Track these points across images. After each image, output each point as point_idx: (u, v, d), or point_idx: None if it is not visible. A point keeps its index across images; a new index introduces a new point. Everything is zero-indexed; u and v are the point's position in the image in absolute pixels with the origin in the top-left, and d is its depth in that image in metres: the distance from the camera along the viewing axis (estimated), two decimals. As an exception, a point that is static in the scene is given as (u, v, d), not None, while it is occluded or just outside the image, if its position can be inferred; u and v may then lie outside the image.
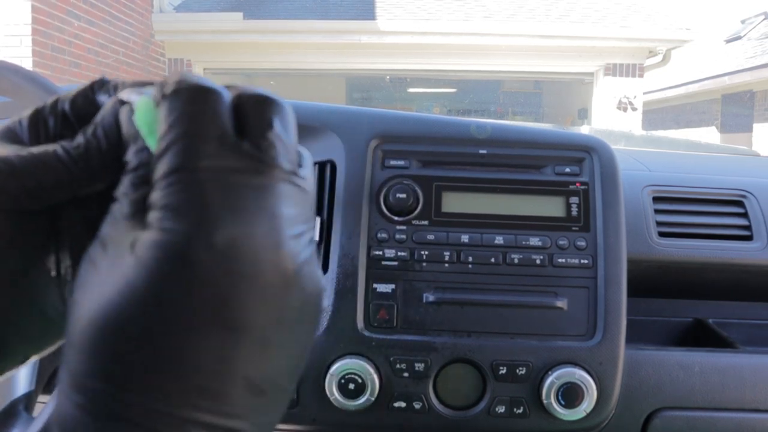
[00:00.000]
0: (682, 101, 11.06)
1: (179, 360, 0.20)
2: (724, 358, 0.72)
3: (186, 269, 0.20)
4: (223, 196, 0.21)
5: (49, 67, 4.79)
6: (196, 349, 0.20)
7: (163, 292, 0.20)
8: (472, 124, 0.73)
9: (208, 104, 0.22)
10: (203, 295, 0.20)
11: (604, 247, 0.68)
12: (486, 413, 0.65)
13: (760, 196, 0.83)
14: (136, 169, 0.23)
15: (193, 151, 0.21)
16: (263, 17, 6.82)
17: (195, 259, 0.20)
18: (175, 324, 0.20)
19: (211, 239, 0.20)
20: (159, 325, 0.20)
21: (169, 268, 0.20)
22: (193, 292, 0.20)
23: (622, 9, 7.23)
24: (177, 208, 0.20)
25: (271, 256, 0.21)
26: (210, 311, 0.20)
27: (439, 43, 6.80)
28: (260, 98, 0.24)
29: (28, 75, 0.57)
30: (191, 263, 0.20)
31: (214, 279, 0.20)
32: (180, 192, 0.21)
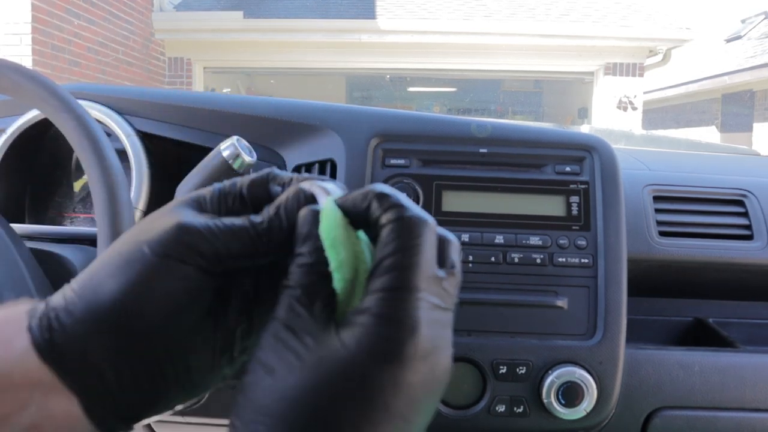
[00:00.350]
0: (682, 101, 11.06)
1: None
2: (725, 358, 0.72)
3: (388, 369, 0.25)
4: (427, 316, 0.27)
5: (49, 66, 4.79)
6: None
7: (367, 385, 0.25)
8: (472, 123, 0.73)
9: (425, 240, 0.28)
10: (397, 392, 0.25)
11: (605, 247, 0.68)
12: (486, 412, 0.65)
13: (761, 196, 0.83)
14: (312, 266, 0.28)
15: (411, 279, 0.27)
16: (263, 16, 6.81)
17: (398, 361, 0.25)
18: (368, 412, 0.25)
19: (412, 348, 0.26)
20: (356, 410, 0.25)
21: (376, 365, 0.25)
22: (389, 388, 0.25)
23: (623, 8, 7.23)
24: (392, 318, 0.26)
25: (444, 367, 0.28)
26: (398, 404, 0.25)
27: (440, 43, 6.80)
28: (446, 239, 0.30)
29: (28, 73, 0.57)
30: (394, 363, 0.25)
31: (407, 378, 0.26)
32: (397, 306, 0.26)
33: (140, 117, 0.79)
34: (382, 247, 0.27)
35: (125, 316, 0.28)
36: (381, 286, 0.26)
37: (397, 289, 0.26)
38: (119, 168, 0.58)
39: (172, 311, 0.29)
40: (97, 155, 0.56)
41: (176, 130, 0.78)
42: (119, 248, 0.30)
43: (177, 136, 0.78)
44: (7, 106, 0.84)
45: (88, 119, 0.57)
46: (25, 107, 0.80)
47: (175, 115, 0.79)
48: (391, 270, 0.27)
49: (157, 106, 0.79)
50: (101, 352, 0.28)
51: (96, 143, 0.56)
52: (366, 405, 0.25)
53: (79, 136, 0.56)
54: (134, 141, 0.76)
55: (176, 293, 0.29)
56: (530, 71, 7.57)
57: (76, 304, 0.28)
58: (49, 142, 0.85)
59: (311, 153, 0.74)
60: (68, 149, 0.83)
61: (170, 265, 0.29)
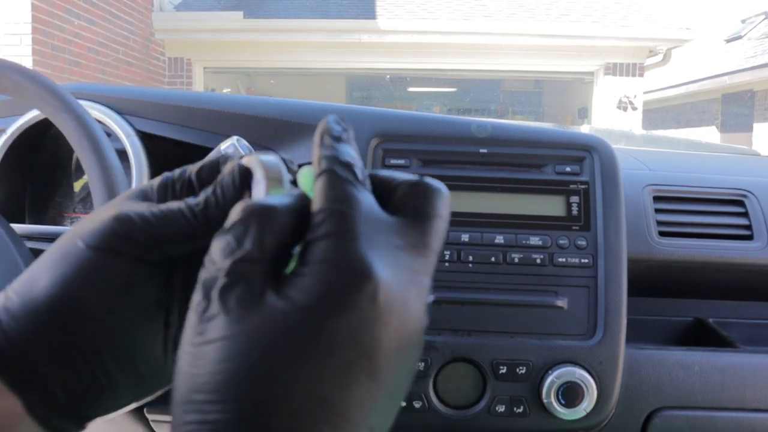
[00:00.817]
0: (682, 101, 11.06)
1: (330, 404, 0.22)
2: (725, 358, 0.72)
3: (343, 318, 0.22)
4: (385, 260, 0.24)
5: (50, 66, 4.79)
6: (342, 396, 0.22)
7: (319, 338, 0.22)
8: (472, 123, 0.73)
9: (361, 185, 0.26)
10: (356, 345, 0.22)
11: (605, 247, 0.68)
12: (486, 412, 0.65)
13: (761, 196, 0.83)
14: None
15: (354, 221, 0.24)
16: (263, 16, 6.81)
17: (359, 308, 0.22)
18: (334, 372, 0.22)
19: (377, 295, 0.23)
20: (318, 373, 0.22)
21: (333, 312, 0.22)
22: (347, 341, 0.22)
23: (623, 8, 7.23)
24: (340, 262, 0.23)
25: (416, 319, 0.24)
26: (360, 361, 0.22)
27: (440, 43, 6.80)
28: (423, 185, 0.27)
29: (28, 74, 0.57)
30: (355, 310, 0.22)
31: (368, 331, 0.22)
32: (345, 249, 0.23)
33: (140, 117, 0.79)
34: (317, 197, 0.25)
35: (62, 312, 0.27)
36: (324, 232, 0.24)
37: (340, 232, 0.24)
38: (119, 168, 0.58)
39: (111, 305, 0.28)
40: (97, 155, 0.56)
41: (176, 130, 0.78)
42: (59, 243, 0.29)
43: (177, 136, 0.78)
44: (7, 106, 0.84)
45: (88, 119, 0.57)
46: (26, 107, 0.80)
47: (175, 115, 0.79)
48: (330, 215, 0.24)
49: (157, 106, 0.79)
50: (41, 350, 0.27)
51: (96, 143, 0.56)
52: (323, 364, 0.22)
53: (79, 136, 0.56)
54: (134, 141, 0.76)
55: (114, 286, 0.28)
56: (530, 71, 7.57)
57: (14, 302, 0.27)
58: (50, 142, 0.85)
59: (311, 153, 0.74)
60: (68, 149, 0.83)
61: (105, 257, 0.28)
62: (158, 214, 0.28)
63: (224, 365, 0.22)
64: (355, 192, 0.25)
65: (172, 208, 0.29)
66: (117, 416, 0.68)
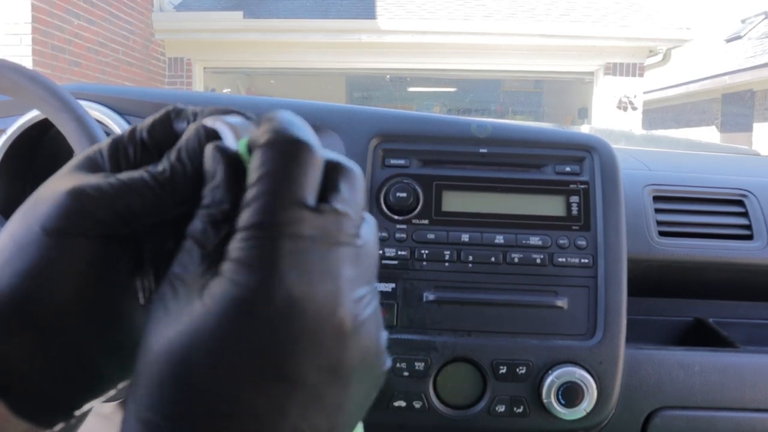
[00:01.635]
0: (682, 101, 11.06)
1: (236, 406, 0.21)
2: (725, 358, 0.72)
3: (249, 323, 0.21)
4: (292, 257, 0.22)
5: (49, 66, 4.79)
6: (253, 397, 0.21)
7: (227, 342, 0.21)
8: (472, 123, 0.73)
9: (297, 164, 0.23)
10: (263, 348, 0.21)
11: (605, 247, 0.68)
12: (486, 412, 0.65)
13: (761, 196, 0.83)
14: (208, 207, 0.24)
15: (272, 211, 0.22)
16: (263, 16, 6.81)
17: (258, 314, 0.21)
18: (235, 372, 0.21)
19: (275, 296, 0.22)
20: (220, 371, 0.21)
21: (233, 320, 0.21)
22: (254, 345, 0.21)
23: (623, 8, 7.23)
24: (248, 263, 0.22)
25: (330, 316, 0.22)
26: (268, 363, 0.22)
27: (440, 43, 6.80)
28: (332, 164, 0.25)
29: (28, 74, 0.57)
30: (254, 317, 0.21)
31: (274, 333, 0.22)
32: (253, 248, 0.22)
33: (140, 117, 0.79)
34: (249, 178, 0.24)
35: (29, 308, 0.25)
36: (242, 224, 0.23)
37: (254, 225, 0.22)
38: (119, 168, 0.58)
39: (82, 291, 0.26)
40: (97, 155, 0.56)
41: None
42: (11, 231, 0.26)
43: (177, 137, 0.78)
44: (7, 107, 0.84)
45: (88, 119, 0.57)
46: (26, 107, 0.80)
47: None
48: (250, 203, 0.23)
49: (157, 107, 0.79)
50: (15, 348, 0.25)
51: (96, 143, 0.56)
52: (237, 370, 0.21)
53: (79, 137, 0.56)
54: (134, 141, 0.76)
55: (83, 270, 0.25)
56: (530, 71, 7.56)
57: None
58: (50, 143, 0.85)
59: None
60: (68, 149, 0.83)
61: (68, 242, 0.25)
62: (118, 185, 0.26)
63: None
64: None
65: (134, 178, 0.26)
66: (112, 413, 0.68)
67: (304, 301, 0.22)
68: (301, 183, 0.23)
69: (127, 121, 0.78)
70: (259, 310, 0.21)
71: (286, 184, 0.23)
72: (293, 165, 0.23)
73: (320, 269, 0.22)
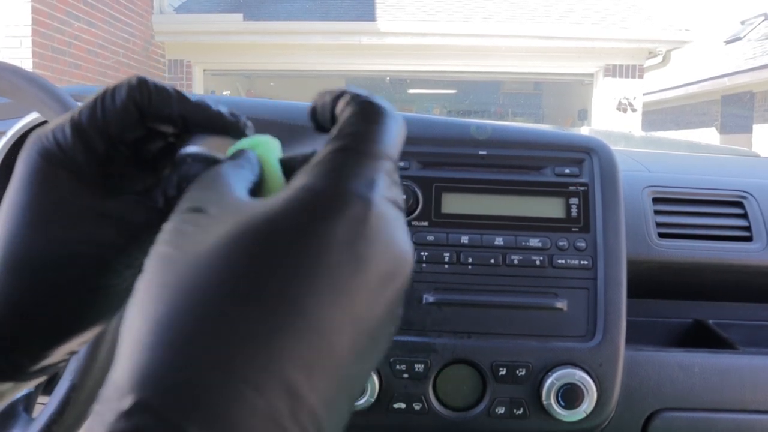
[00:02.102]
0: (681, 102, 11.06)
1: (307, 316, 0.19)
2: (724, 359, 0.72)
3: (343, 228, 0.20)
4: (384, 194, 0.22)
5: (49, 68, 4.79)
6: (322, 314, 0.19)
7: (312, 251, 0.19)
8: (472, 125, 0.73)
9: (390, 123, 0.24)
10: (340, 257, 0.20)
11: (604, 248, 0.68)
12: (486, 414, 0.65)
13: (760, 197, 0.83)
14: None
15: (375, 144, 0.23)
16: (263, 18, 6.82)
17: (357, 221, 0.20)
18: (312, 298, 0.19)
19: (371, 219, 0.21)
20: (290, 294, 0.19)
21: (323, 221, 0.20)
22: (335, 246, 0.20)
23: (622, 10, 7.23)
24: (345, 173, 0.21)
25: (402, 252, 0.22)
26: (344, 276, 0.20)
27: (439, 45, 6.80)
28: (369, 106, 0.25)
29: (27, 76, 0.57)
30: (352, 223, 0.20)
31: (366, 268, 0.20)
32: (356, 163, 0.22)
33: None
34: (341, 124, 0.24)
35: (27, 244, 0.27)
36: (338, 146, 0.22)
37: (356, 149, 0.22)
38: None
39: (80, 231, 0.27)
40: (97, 158, 0.56)
41: (176, 132, 0.78)
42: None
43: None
44: (7, 109, 0.84)
45: (88, 122, 0.57)
46: (25, 110, 0.80)
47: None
48: (350, 134, 0.23)
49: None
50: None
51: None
52: (300, 286, 0.19)
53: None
54: (134, 143, 0.76)
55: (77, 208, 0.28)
56: (530, 73, 7.57)
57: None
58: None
59: (311, 155, 0.74)
60: (68, 152, 0.83)
61: (64, 173, 0.28)
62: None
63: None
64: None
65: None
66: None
67: (387, 245, 0.21)
68: (396, 138, 0.24)
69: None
70: (349, 216, 0.20)
71: (387, 133, 0.24)
72: (389, 122, 0.24)
73: (394, 220, 0.22)
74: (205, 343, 0.18)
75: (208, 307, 0.19)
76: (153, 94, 0.28)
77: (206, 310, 0.19)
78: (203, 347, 0.18)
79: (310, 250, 0.19)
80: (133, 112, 0.28)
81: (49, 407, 0.48)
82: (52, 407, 0.48)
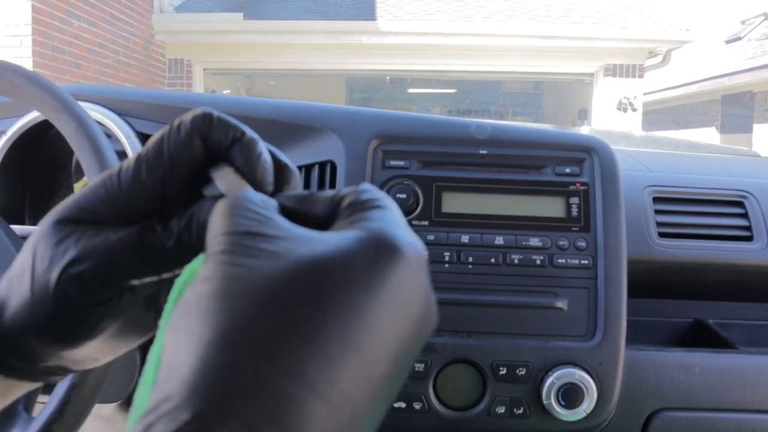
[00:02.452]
0: (682, 102, 11.06)
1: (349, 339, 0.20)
2: (725, 359, 0.72)
3: (397, 265, 0.22)
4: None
5: (49, 68, 4.79)
6: (371, 338, 0.21)
7: (370, 276, 0.21)
8: (472, 124, 0.73)
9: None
10: (400, 294, 0.22)
11: (605, 248, 0.68)
12: (486, 414, 0.65)
13: (760, 197, 0.83)
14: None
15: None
16: (263, 18, 6.82)
17: (405, 260, 0.22)
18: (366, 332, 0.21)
19: (413, 259, 0.23)
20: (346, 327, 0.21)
21: (382, 261, 0.22)
22: (394, 290, 0.22)
23: (622, 10, 7.23)
24: (391, 225, 0.23)
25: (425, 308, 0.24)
26: (396, 317, 0.22)
27: (440, 44, 6.80)
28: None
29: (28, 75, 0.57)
30: (402, 261, 0.22)
31: (412, 286, 0.23)
32: (392, 220, 0.24)
33: (140, 118, 0.79)
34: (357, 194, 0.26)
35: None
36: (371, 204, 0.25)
37: (386, 207, 0.25)
38: (119, 169, 0.58)
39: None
40: (97, 157, 0.56)
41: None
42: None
43: (177, 138, 0.78)
44: (7, 108, 0.84)
45: (88, 121, 0.57)
46: (26, 109, 0.80)
47: (175, 117, 0.78)
48: (376, 203, 0.25)
49: (157, 108, 0.79)
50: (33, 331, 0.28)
51: (96, 145, 0.56)
52: (352, 317, 0.21)
53: (79, 138, 0.56)
54: (134, 142, 0.76)
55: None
56: (530, 72, 7.57)
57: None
58: (49, 144, 0.85)
59: (311, 155, 0.74)
60: (68, 151, 0.83)
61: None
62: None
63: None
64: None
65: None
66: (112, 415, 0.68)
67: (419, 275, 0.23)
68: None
69: (126, 122, 0.78)
70: (401, 257, 0.22)
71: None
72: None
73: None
74: (276, 351, 0.19)
75: (280, 321, 0.20)
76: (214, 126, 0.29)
77: (277, 323, 0.20)
78: (273, 354, 0.19)
79: (375, 291, 0.21)
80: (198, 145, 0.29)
81: (49, 407, 0.48)
82: (52, 407, 0.48)
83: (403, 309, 0.22)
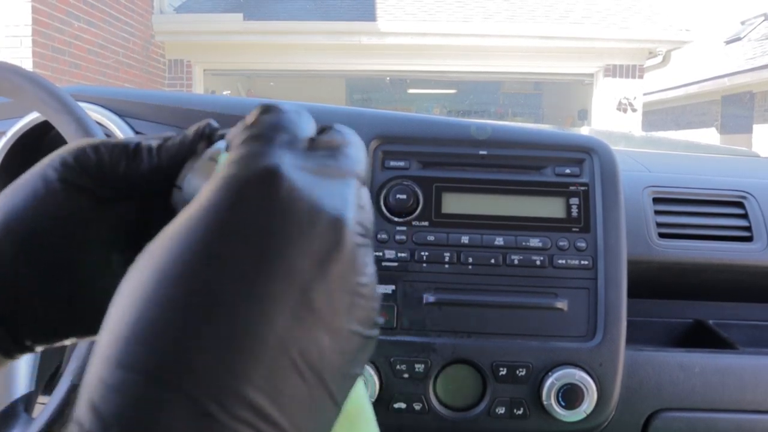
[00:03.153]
0: (681, 102, 11.07)
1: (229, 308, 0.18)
2: (725, 359, 0.72)
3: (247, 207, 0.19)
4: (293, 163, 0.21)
5: (49, 68, 4.79)
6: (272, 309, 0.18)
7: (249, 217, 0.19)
8: (472, 125, 0.73)
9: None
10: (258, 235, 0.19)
11: (604, 248, 0.68)
12: (486, 414, 0.65)
13: (760, 197, 0.83)
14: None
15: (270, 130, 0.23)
16: (263, 18, 6.82)
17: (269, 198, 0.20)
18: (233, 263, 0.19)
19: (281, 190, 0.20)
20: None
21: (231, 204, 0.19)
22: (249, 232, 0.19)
23: (622, 10, 7.23)
24: (247, 158, 0.21)
25: (332, 224, 0.20)
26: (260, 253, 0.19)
27: (439, 44, 6.81)
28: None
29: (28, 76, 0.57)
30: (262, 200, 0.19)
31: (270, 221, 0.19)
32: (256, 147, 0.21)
33: (140, 119, 0.79)
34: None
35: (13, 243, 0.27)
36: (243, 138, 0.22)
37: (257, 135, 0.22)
38: (119, 170, 0.58)
39: (62, 237, 0.28)
40: (97, 157, 0.56)
41: (176, 132, 0.78)
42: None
43: (177, 139, 0.78)
44: (7, 109, 0.84)
45: (88, 121, 0.57)
46: (26, 110, 0.80)
47: (175, 118, 0.79)
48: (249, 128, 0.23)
49: (157, 108, 0.79)
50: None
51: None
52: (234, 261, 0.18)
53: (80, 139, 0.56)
54: (134, 143, 0.76)
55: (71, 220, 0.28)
56: (530, 73, 7.57)
57: None
58: (50, 145, 0.85)
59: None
60: (68, 151, 0.83)
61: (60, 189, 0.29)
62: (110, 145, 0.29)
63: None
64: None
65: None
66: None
67: (310, 215, 0.20)
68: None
69: (127, 123, 0.78)
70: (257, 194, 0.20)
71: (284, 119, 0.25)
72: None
73: (335, 187, 0.22)
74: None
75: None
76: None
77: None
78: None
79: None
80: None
81: (49, 407, 0.48)
82: (52, 407, 0.48)
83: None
